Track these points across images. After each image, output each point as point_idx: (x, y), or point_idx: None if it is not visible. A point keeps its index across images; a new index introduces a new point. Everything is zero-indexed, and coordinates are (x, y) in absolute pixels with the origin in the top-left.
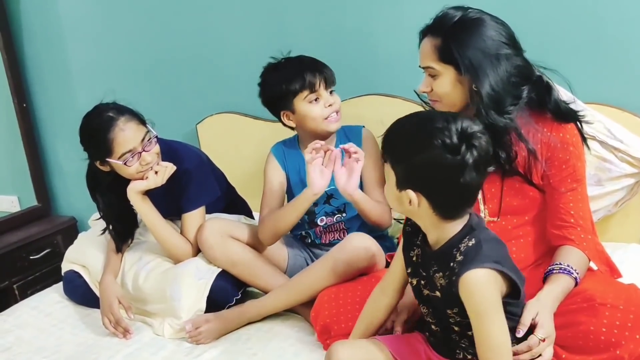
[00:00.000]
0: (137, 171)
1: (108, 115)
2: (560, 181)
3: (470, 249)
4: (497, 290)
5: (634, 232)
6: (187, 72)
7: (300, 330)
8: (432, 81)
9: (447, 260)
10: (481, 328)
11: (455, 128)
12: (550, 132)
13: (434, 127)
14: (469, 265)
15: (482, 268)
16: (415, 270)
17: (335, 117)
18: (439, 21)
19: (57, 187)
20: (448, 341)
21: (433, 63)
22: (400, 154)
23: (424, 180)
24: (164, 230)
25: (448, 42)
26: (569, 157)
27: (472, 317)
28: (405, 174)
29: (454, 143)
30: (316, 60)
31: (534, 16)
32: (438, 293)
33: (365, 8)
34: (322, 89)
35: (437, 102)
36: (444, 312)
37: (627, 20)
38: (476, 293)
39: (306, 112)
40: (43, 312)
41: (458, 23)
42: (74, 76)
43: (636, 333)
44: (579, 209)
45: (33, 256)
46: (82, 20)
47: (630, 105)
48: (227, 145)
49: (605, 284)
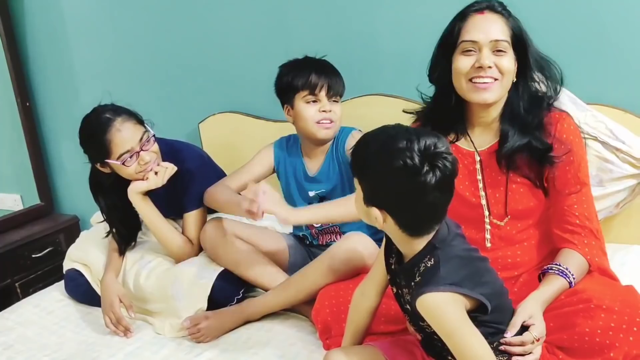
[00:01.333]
0: (136, 171)
1: (105, 116)
2: (564, 183)
3: (427, 270)
4: (458, 309)
5: (635, 233)
6: (189, 71)
7: (300, 330)
8: (495, 57)
9: (410, 277)
10: (455, 347)
11: (417, 148)
12: (554, 132)
13: (396, 147)
14: (424, 289)
15: (437, 292)
16: (392, 278)
17: (327, 125)
18: (501, 5)
19: (59, 186)
20: (433, 346)
21: (508, 38)
22: (365, 172)
23: (387, 199)
24: (165, 230)
25: (519, 27)
26: (573, 158)
27: (442, 337)
28: (370, 192)
29: (416, 165)
30: (330, 67)
31: (537, 17)
32: (407, 306)
33: (368, 9)
34: (323, 94)
35: (497, 81)
36: (418, 323)
37: (630, 21)
38: (436, 316)
39: (301, 111)
40: (45, 310)
41: (513, 15)
42: (76, 75)
43: (630, 335)
44: (584, 210)
45: (35, 254)
46: (85, 19)
47: (633, 106)
48: (229, 145)
49: (603, 285)
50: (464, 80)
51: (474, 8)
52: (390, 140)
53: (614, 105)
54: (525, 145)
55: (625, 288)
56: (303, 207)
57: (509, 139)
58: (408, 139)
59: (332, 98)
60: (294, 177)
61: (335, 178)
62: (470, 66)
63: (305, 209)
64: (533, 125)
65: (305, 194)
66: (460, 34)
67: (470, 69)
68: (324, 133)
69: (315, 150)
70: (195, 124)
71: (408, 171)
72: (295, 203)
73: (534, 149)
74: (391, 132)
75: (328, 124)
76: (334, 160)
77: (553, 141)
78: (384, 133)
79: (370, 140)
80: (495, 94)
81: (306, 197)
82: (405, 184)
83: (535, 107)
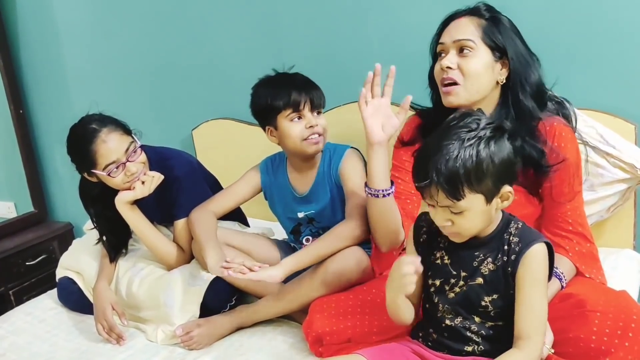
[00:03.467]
0: (122, 182)
1: (91, 127)
2: (560, 193)
3: (521, 230)
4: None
5: (626, 237)
6: (183, 78)
7: (293, 337)
8: (460, 59)
9: (498, 245)
10: (533, 296)
11: (478, 116)
12: (552, 143)
13: (464, 124)
14: (532, 242)
15: (542, 242)
16: (439, 272)
17: (316, 140)
18: (482, 7)
19: (53, 193)
20: (461, 337)
21: (474, 37)
22: (479, 175)
23: (509, 174)
24: (155, 238)
25: (496, 26)
26: (569, 168)
27: (525, 285)
28: (495, 177)
29: (504, 128)
30: (307, 81)
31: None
32: (480, 280)
33: (358, 15)
34: (307, 110)
35: (458, 85)
36: (478, 302)
37: (620, 26)
38: (540, 264)
39: (287, 130)
40: (37, 318)
41: (501, 16)
42: (70, 82)
43: (625, 340)
44: (577, 217)
45: (29, 262)
46: (78, 26)
47: (623, 111)
48: (222, 151)
49: (597, 290)
50: (438, 86)
51: (456, 14)
52: (448, 135)
53: (604, 110)
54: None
55: (619, 293)
56: (288, 257)
57: None
58: (470, 120)
59: (316, 111)
60: (282, 199)
61: (325, 198)
62: (439, 70)
63: (292, 258)
64: (523, 132)
65: (294, 216)
66: (438, 40)
67: (439, 73)
68: (314, 148)
69: (304, 166)
70: (189, 130)
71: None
72: (283, 225)
73: (527, 157)
74: (434, 140)
75: (316, 138)
76: (325, 180)
77: (549, 151)
78: (443, 132)
79: (446, 152)
80: (459, 98)
81: (295, 218)
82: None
83: (525, 113)
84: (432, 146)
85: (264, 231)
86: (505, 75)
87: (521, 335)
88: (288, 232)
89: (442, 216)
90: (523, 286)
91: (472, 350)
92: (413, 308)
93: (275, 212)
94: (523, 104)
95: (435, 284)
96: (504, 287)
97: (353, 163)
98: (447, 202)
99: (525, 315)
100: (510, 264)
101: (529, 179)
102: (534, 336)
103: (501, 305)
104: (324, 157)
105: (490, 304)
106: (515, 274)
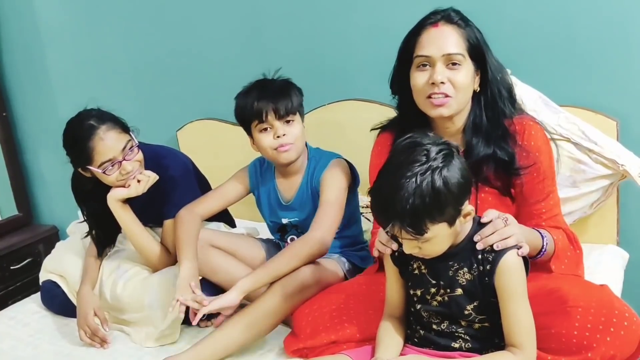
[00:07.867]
0: (117, 179)
1: (89, 123)
2: (531, 192)
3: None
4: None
5: (609, 233)
6: (167, 79)
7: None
8: (449, 72)
9: (469, 254)
10: (516, 309)
11: (425, 146)
12: (522, 142)
13: (414, 158)
14: (503, 251)
15: (511, 251)
16: (419, 282)
17: (285, 149)
18: (453, 14)
19: (38, 196)
20: (448, 335)
21: (462, 51)
22: (436, 208)
23: (464, 190)
24: (143, 238)
25: (475, 36)
26: (540, 166)
27: (507, 298)
28: (454, 202)
29: (452, 151)
30: (279, 89)
31: (507, 19)
32: (460, 290)
33: (342, 15)
34: (273, 119)
35: (451, 98)
36: (461, 310)
37: (599, 22)
38: (516, 275)
39: (259, 141)
40: (21, 323)
41: (471, 23)
42: (53, 84)
43: (607, 335)
44: (551, 213)
45: (14, 266)
46: (61, 28)
47: (604, 107)
48: (207, 152)
49: (578, 285)
50: (421, 97)
51: (429, 21)
52: (404, 165)
53: (585, 106)
54: (490, 156)
55: (600, 287)
56: (244, 279)
57: (474, 149)
58: (419, 151)
59: (285, 118)
60: (268, 203)
61: (309, 206)
62: (425, 82)
63: (247, 278)
64: (496, 136)
65: (278, 221)
66: (415, 49)
67: (425, 85)
68: (284, 157)
69: (288, 173)
70: (173, 131)
71: (462, 163)
72: (268, 226)
73: (499, 160)
74: (388, 168)
75: (286, 147)
76: (308, 188)
77: (519, 150)
78: (394, 169)
79: (401, 186)
80: (451, 109)
81: (279, 224)
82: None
83: (499, 116)
84: (386, 186)
85: (249, 231)
86: (479, 82)
87: (514, 344)
88: (274, 231)
89: (409, 246)
90: (505, 299)
91: (460, 346)
92: (401, 342)
93: (262, 213)
94: (500, 108)
95: (417, 294)
96: (483, 295)
97: (334, 173)
98: (412, 237)
99: (514, 329)
100: (486, 274)
101: (500, 180)
102: (528, 347)
103: (484, 311)
104: (309, 165)
105: (473, 311)
106: (493, 284)
